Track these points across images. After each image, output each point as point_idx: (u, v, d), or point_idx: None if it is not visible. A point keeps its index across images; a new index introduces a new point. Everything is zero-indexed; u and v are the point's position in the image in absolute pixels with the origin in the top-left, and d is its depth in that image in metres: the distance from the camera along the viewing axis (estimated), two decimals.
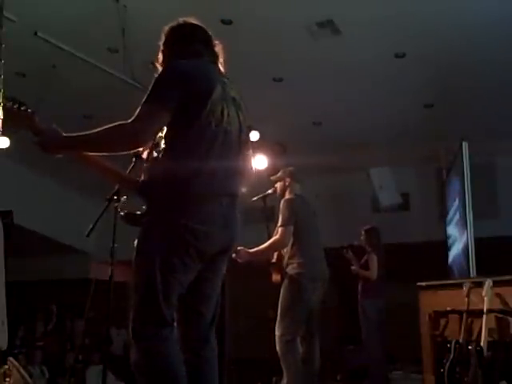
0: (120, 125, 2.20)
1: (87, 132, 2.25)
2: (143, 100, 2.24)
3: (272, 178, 4.95)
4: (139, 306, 2.23)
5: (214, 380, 2.40)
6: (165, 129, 2.32)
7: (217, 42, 2.56)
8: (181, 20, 2.53)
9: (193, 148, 2.25)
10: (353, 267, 6.62)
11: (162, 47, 2.53)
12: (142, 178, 2.42)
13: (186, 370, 2.23)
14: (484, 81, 6.11)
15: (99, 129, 2.22)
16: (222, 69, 2.52)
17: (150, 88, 2.27)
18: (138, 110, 2.22)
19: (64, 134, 2.32)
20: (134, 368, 2.21)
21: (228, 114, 2.35)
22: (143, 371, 2.19)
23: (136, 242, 2.27)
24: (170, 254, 2.21)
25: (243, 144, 2.45)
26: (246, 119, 2.48)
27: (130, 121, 2.20)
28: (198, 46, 2.48)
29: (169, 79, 2.30)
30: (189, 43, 2.47)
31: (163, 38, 2.53)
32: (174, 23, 2.53)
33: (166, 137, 2.33)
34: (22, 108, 2.35)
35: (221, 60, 2.54)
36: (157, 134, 2.29)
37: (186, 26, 2.52)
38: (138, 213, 2.37)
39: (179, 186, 2.22)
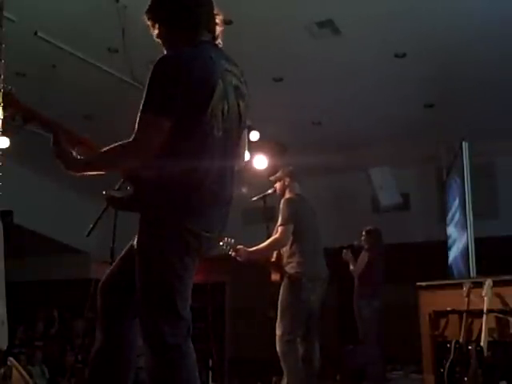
0: (121, 147, 2.12)
1: (91, 156, 2.23)
2: (141, 107, 2.11)
3: (271, 178, 4.95)
4: (157, 314, 2.13)
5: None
6: None
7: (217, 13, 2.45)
8: None
9: (194, 156, 2.14)
10: (351, 267, 6.62)
11: (159, 18, 2.37)
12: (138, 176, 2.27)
13: None
14: (484, 81, 6.10)
15: (101, 152, 2.18)
16: (220, 42, 2.40)
17: (146, 89, 2.11)
18: (138, 124, 2.10)
19: (79, 159, 2.25)
20: (154, 382, 2.15)
21: (228, 111, 2.20)
22: None
23: (139, 247, 2.19)
24: (179, 255, 2.15)
25: (241, 132, 2.36)
26: (247, 106, 2.34)
27: (131, 139, 2.10)
28: (202, 30, 2.35)
29: (167, 82, 2.09)
30: (194, 25, 2.33)
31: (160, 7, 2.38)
32: None
33: (163, 142, 2.14)
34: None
35: (219, 38, 2.42)
36: (159, 144, 2.12)
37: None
38: (124, 196, 2.24)
39: (181, 194, 2.13)
